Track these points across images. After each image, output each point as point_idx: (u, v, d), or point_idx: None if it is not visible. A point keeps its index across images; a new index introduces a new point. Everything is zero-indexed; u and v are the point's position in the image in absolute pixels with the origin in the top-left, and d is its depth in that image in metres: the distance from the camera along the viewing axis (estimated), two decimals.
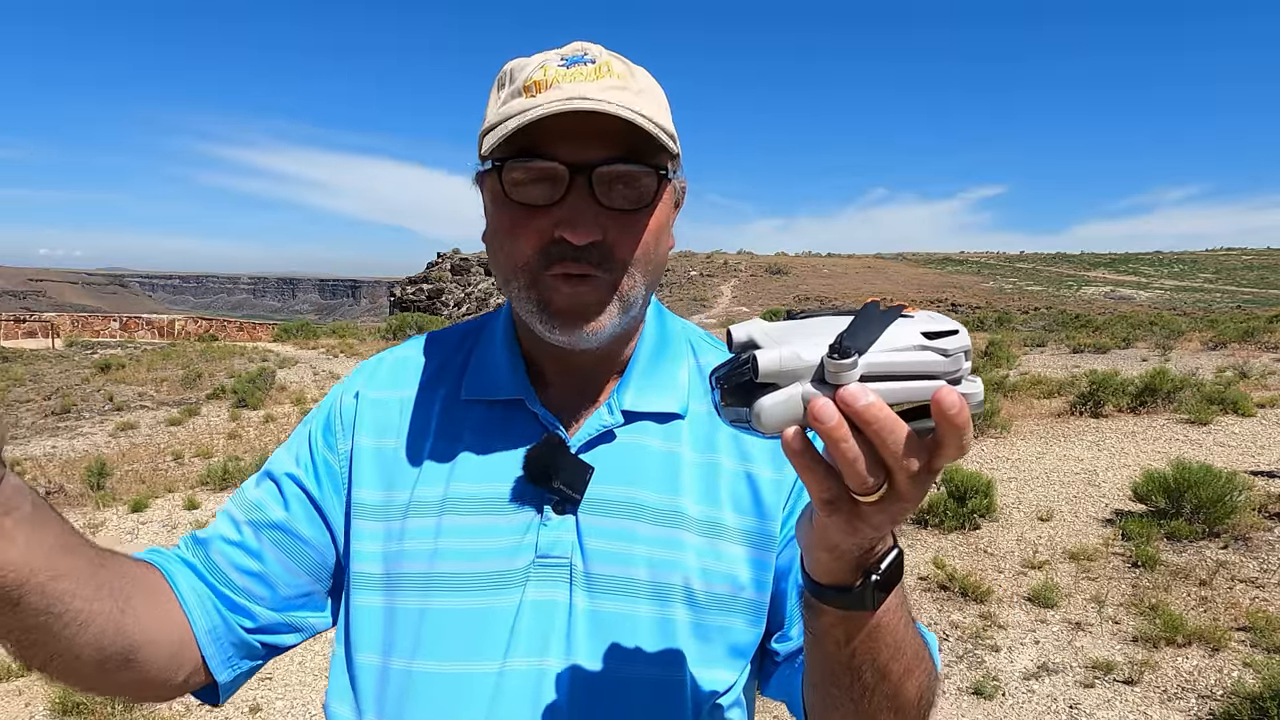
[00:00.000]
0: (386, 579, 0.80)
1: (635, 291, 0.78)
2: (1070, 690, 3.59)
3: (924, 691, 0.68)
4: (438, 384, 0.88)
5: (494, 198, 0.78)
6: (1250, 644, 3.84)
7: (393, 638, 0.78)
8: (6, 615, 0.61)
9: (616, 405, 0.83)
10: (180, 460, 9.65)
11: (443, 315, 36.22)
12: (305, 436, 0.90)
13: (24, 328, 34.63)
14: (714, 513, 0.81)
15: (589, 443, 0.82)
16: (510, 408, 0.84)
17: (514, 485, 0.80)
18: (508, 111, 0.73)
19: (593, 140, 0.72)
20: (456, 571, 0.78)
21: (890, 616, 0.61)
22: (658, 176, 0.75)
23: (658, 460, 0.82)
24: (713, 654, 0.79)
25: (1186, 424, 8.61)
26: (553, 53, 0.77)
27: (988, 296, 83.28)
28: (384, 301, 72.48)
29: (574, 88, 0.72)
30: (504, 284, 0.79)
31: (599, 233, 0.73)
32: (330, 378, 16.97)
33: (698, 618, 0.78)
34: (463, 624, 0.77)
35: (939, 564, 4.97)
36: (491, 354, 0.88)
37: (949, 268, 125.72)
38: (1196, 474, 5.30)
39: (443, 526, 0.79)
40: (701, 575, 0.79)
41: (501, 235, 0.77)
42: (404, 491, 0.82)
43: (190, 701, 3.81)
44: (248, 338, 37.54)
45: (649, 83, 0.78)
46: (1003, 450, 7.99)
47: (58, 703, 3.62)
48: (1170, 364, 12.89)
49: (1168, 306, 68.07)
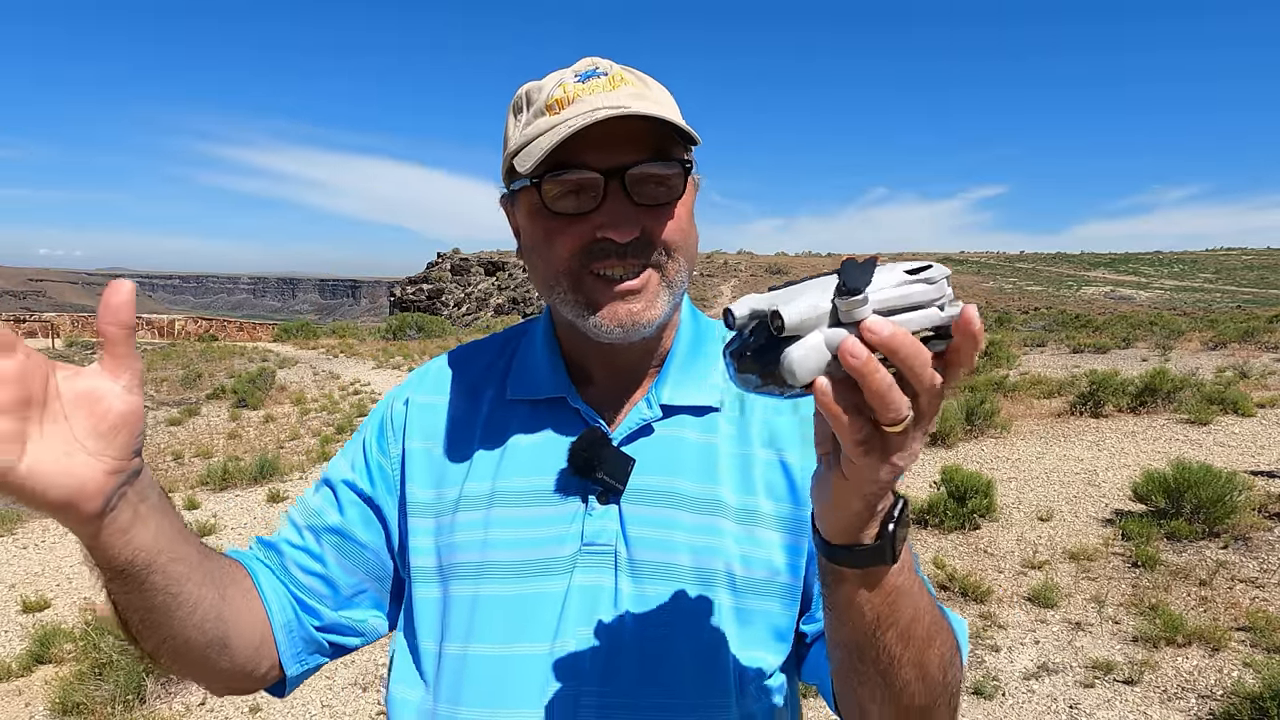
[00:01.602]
0: (440, 570, 0.86)
1: (679, 276, 0.83)
2: (1070, 690, 3.59)
3: (947, 665, 0.69)
4: (483, 387, 0.94)
5: (532, 212, 0.82)
6: (1250, 644, 3.84)
7: (447, 624, 0.83)
8: (134, 594, 0.68)
9: (655, 400, 0.88)
10: (180, 460, 9.66)
11: (443, 315, 36.23)
12: (360, 444, 0.96)
13: (24, 328, 34.64)
14: (750, 501, 0.85)
15: (629, 436, 0.87)
16: (553, 405, 0.89)
17: (559, 477, 0.85)
18: (534, 131, 0.78)
19: (620, 145, 0.77)
20: (506, 560, 0.83)
21: (906, 577, 0.63)
22: (684, 170, 0.81)
23: (695, 451, 0.86)
24: (755, 636, 0.82)
25: (1186, 424, 8.60)
26: (566, 71, 0.82)
27: (988, 296, 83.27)
28: (384, 301, 72.51)
29: (596, 99, 0.77)
30: (547, 291, 0.83)
31: (638, 229, 0.78)
32: (330, 378, 16.97)
33: (739, 601, 0.82)
34: (513, 609, 0.81)
35: (939, 564, 4.97)
36: (533, 356, 0.93)
37: (949, 268, 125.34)
38: (1196, 474, 5.29)
39: (492, 518, 0.84)
40: (741, 561, 0.83)
41: (542, 245, 0.81)
42: (454, 488, 0.88)
43: (190, 701, 3.81)
44: (248, 338, 37.54)
45: (660, 88, 0.84)
46: (1003, 450, 7.99)
47: (57, 703, 3.62)
48: (1170, 364, 12.89)
49: (1168, 306, 68.07)
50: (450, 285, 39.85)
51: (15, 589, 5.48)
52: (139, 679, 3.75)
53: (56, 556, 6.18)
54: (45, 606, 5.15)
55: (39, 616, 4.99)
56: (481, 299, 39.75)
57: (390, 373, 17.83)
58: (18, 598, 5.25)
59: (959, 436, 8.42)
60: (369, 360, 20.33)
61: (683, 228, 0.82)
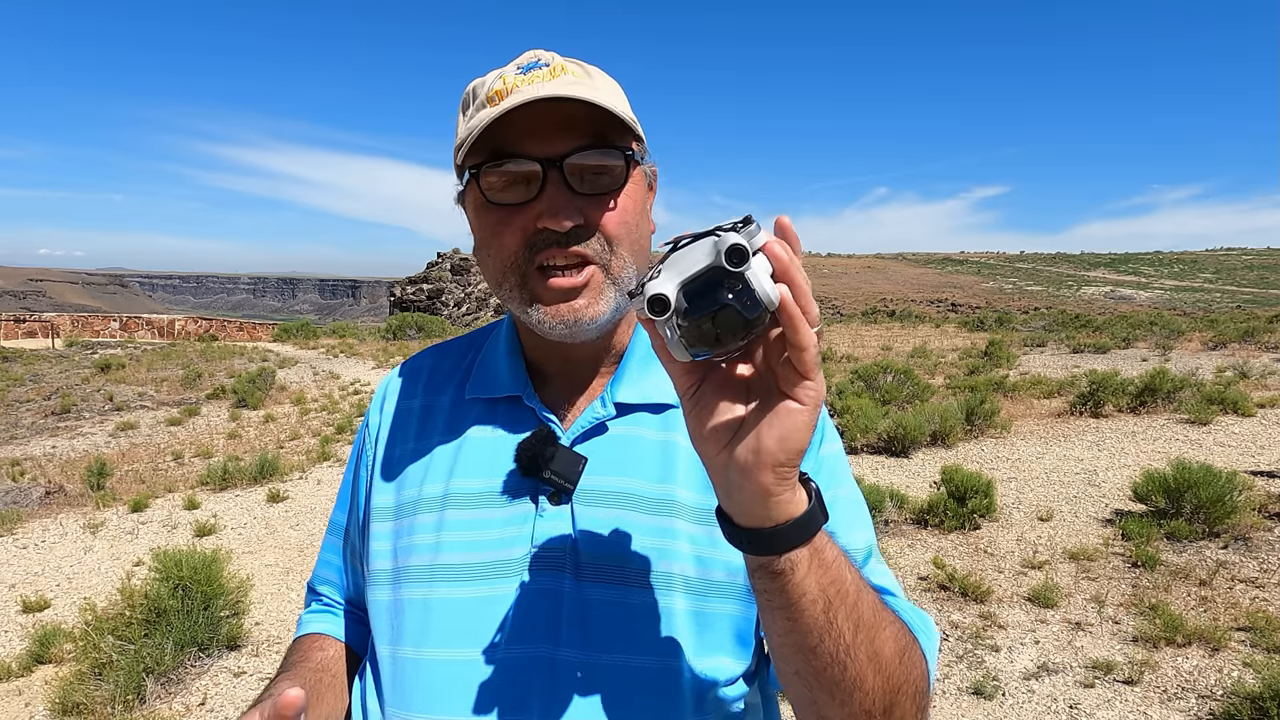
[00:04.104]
0: (394, 573, 0.85)
1: (626, 272, 0.81)
2: (1070, 690, 3.59)
3: (903, 650, 0.66)
4: (445, 388, 0.94)
5: (476, 207, 0.82)
6: (1250, 644, 3.84)
7: (400, 628, 0.82)
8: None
9: (609, 398, 0.86)
10: (180, 460, 9.66)
11: (442, 315, 36.21)
12: (348, 479, 1.01)
13: (24, 328, 34.62)
14: (710, 500, 0.81)
15: (583, 435, 0.84)
16: (510, 404, 0.88)
17: (510, 478, 0.84)
18: (475, 124, 0.77)
19: (558, 133, 0.76)
20: (457, 563, 0.81)
21: (835, 550, 0.63)
22: (625, 158, 0.79)
23: (652, 450, 0.84)
24: (714, 641, 0.79)
25: (1186, 424, 8.60)
26: (509, 65, 0.81)
27: (988, 296, 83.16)
28: (384, 301, 72.48)
29: (534, 89, 0.75)
30: (497, 288, 0.82)
31: (579, 217, 0.77)
32: (330, 378, 16.97)
33: (696, 605, 0.79)
34: (464, 612, 0.80)
35: (939, 564, 4.97)
36: (494, 355, 0.93)
37: (949, 268, 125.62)
38: (1196, 474, 5.29)
39: (444, 520, 0.83)
40: (696, 562, 0.79)
41: (488, 238, 0.81)
42: (412, 490, 0.87)
43: (190, 701, 3.81)
44: (248, 338, 37.53)
45: (604, 78, 0.82)
46: (1003, 450, 7.99)
47: (57, 703, 3.62)
48: (1170, 364, 12.89)
49: (1168, 306, 67.99)
50: (450, 285, 39.78)
51: (15, 589, 5.48)
52: (139, 679, 3.75)
53: (56, 556, 6.18)
54: (45, 606, 5.15)
55: (39, 616, 4.99)
56: (481, 299, 39.70)
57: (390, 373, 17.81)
58: (18, 598, 5.25)
59: (959, 436, 8.42)
60: (369, 360, 20.33)
61: (627, 220, 0.80)
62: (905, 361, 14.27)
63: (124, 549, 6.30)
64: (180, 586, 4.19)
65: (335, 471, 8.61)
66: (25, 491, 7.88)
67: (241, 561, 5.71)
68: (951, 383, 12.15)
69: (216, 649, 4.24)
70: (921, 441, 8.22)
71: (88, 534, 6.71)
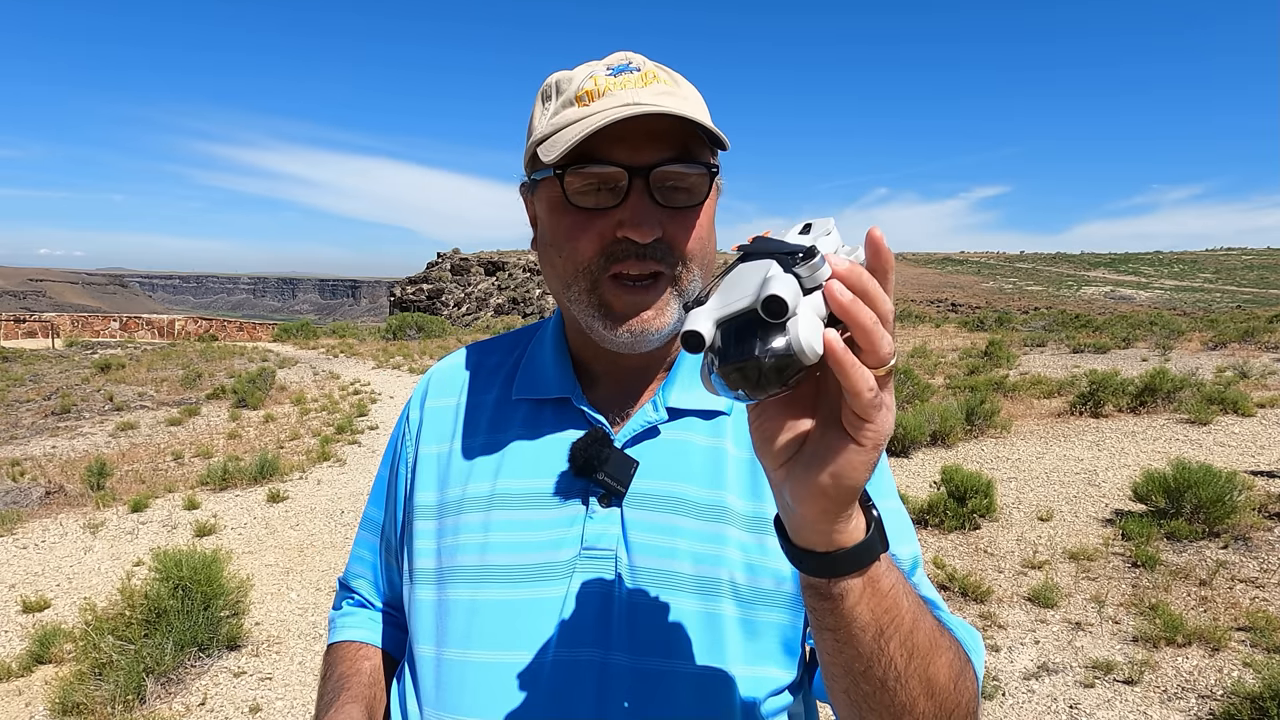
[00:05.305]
0: (439, 572, 0.84)
1: (693, 288, 0.80)
2: (1070, 690, 3.59)
3: (958, 676, 0.65)
4: (490, 387, 0.93)
5: (552, 205, 0.80)
6: (1250, 644, 3.84)
7: (445, 629, 0.82)
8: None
9: (662, 402, 0.86)
10: (180, 460, 9.65)
11: (442, 315, 36.22)
12: (383, 475, 1.01)
13: (24, 328, 34.62)
14: (760, 507, 0.82)
15: (634, 438, 0.84)
16: (558, 406, 0.88)
17: (560, 479, 0.83)
18: (561, 121, 0.76)
19: (647, 143, 0.75)
20: (505, 563, 0.81)
21: (894, 574, 0.60)
22: (709, 174, 0.79)
23: (702, 456, 0.84)
24: (762, 650, 0.79)
25: (1186, 424, 8.60)
26: (598, 63, 0.80)
27: (988, 296, 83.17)
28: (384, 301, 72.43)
29: (627, 94, 0.76)
30: (563, 289, 0.81)
31: (659, 230, 0.76)
32: (330, 378, 16.97)
33: (745, 612, 0.78)
34: (512, 614, 0.79)
35: (939, 564, 4.97)
36: (541, 355, 0.92)
37: (949, 268, 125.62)
38: (1196, 474, 5.29)
39: (492, 521, 0.83)
40: (746, 570, 0.79)
41: (561, 240, 0.80)
42: (457, 489, 0.87)
43: (190, 701, 3.81)
44: (248, 338, 37.53)
45: (690, 88, 0.82)
46: (1003, 450, 7.99)
47: (57, 703, 3.62)
48: (1170, 364, 12.88)
49: (1168, 306, 67.98)
50: (450, 285, 39.80)
51: (15, 589, 5.48)
52: (139, 679, 3.75)
53: (56, 556, 6.18)
54: (45, 606, 5.15)
55: (39, 616, 4.99)
56: (481, 299, 39.71)
57: (390, 373, 17.82)
58: (18, 598, 5.25)
59: (959, 436, 8.42)
60: (369, 360, 20.33)
61: (702, 236, 0.80)
62: (905, 361, 14.27)
63: (124, 549, 6.30)
64: (180, 586, 4.19)
65: (335, 471, 8.60)
66: (25, 491, 7.88)
67: (241, 561, 5.71)
68: (951, 383, 12.15)
69: (216, 649, 4.24)
70: (921, 441, 8.22)
71: (88, 534, 6.71)
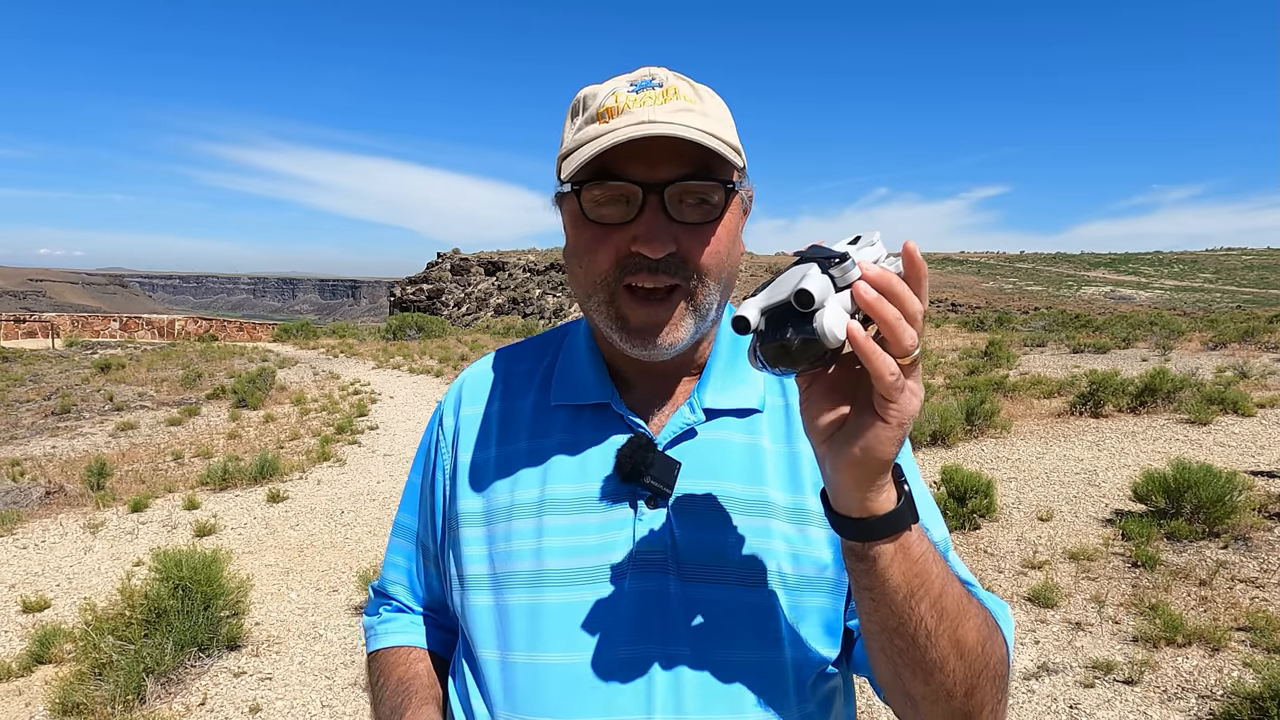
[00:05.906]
0: (494, 578, 0.87)
1: (709, 300, 0.83)
2: (1070, 690, 3.59)
3: (985, 639, 0.72)
4: (525, 393, 0.96)
5: (574, 218, 0.84)
6: (1250, 644, 3.84)
7: (508, 633, 0.85)
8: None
9: (698, 404, 0.89)
10: (180, 460, 9.65)
11: (442, 315, 36.23)
12: (415, 483, 1.03)
13: (24, 328, 34.61)
14: (800, 499, 0.87)
15: (674, 440, 0.88)
16: (597, 411, 0.91)
17: (606, 483, 0.86)
18: (583, 137, 0.79)
19: (663, 159, 0.77)
20: (562, 567, 0.84)
21: (925, 544, 0.69)
22: (725, 190, 0.80)
23: (741, 453, 0.88)
24: (809, 633, 0.84)
25: (1186, 424, 8.60)
26: (622, 79, 0.83)
27: (988, 296, 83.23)
28: (384, 301, 72.48)
29: (644, 111, 0.77)
30: (585, 298, 0.85)
31: (672, 245, 0.79)
32: (330, 378, 16.97)
33: (792, 600, 0.84)
34: (576, 616, 0.83)
35: None
36: (575, 361, 0.95)
37: (949, 268, 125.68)
38: (1196, 474, 5.29)
39: (544, 526, 0.86)
40: (791, 560, 0.84)
41: (581, 252, 0.83)
42: (505, 495, 0.90)
43: (190, 701, 3.81)
44: (248, 338, 37.53)
45: (714, 102, 0.84)
46: (1003, 450, 7.99)
47: (57, 703, 3.62)
48: (1170, 364, 12.88)
49: (1168, 306, 68.03)
50: (450, 285, 39.75)
51: (15, 589, 5.48)
52: (139, 679, 3.75)
53: (56, 556, 6.18)
54: (45, 606, 5.15)
55: (39, 616, 4.99)
56: (481, 299, 39.69)
57: (390, 373, 17.83)
58: (18, 598, 5.25)
59: (959, 436, 8.42)
60: (369, 360, 20.33)
61: (719, 250, 0.81)
62: None
63: (124, 549, 6.30)
64: (180, 586, 4.19)
65: (335, 472, 8.61)
66: (25, 491, 7.88)
67: (241, 562, 5.71)
68: (951, 382, 12.15)
69: (216, 649, 4.24)
70: (921, 441, 8.22)
71: (88, 534, 6.71)
